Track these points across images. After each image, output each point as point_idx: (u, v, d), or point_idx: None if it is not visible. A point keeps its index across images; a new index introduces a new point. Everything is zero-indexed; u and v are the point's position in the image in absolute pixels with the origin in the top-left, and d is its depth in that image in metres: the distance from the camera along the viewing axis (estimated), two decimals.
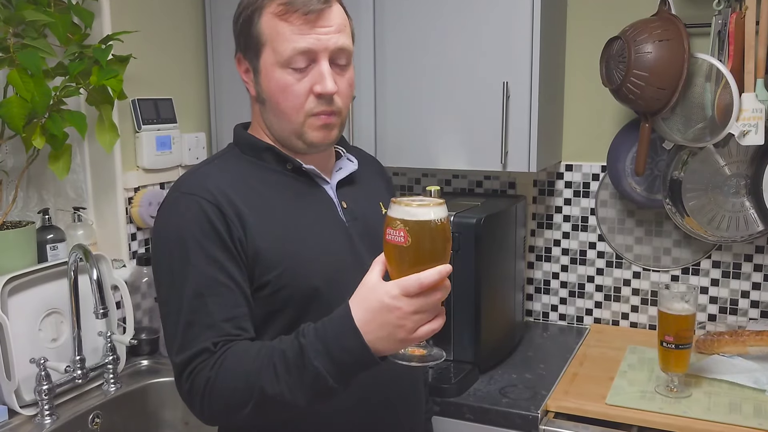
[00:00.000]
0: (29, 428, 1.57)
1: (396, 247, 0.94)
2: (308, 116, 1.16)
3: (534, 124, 1.79)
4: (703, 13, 1.82)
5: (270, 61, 1.15)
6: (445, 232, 0.96)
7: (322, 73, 1.13)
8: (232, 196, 1.13)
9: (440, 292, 0.96)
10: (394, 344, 0.96)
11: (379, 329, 0.95)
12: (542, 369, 1.85)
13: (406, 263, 0.94)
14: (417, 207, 0.94)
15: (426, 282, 0.93)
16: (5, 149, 1.70)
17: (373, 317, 0.95)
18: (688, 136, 1.79)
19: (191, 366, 1.06)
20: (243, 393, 1.02)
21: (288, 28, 1.12)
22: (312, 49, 1.12)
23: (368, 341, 0.96)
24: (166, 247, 1.12)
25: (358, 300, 0.98)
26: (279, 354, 1.01)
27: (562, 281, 2.20)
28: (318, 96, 1.14)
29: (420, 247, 0.94)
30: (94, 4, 1.80)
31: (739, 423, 1.51)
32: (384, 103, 1.94)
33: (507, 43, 1.78)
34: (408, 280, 0.93)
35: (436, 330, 0.97)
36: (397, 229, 0.94)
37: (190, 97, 2.18)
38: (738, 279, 2.00)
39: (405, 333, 0.95)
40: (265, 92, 1.17)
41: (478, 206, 1.89)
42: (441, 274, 0.94)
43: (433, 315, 0.96)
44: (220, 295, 1.08)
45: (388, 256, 0.97)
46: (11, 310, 1.58)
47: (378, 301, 0.95)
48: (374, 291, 0.96)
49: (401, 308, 0.93)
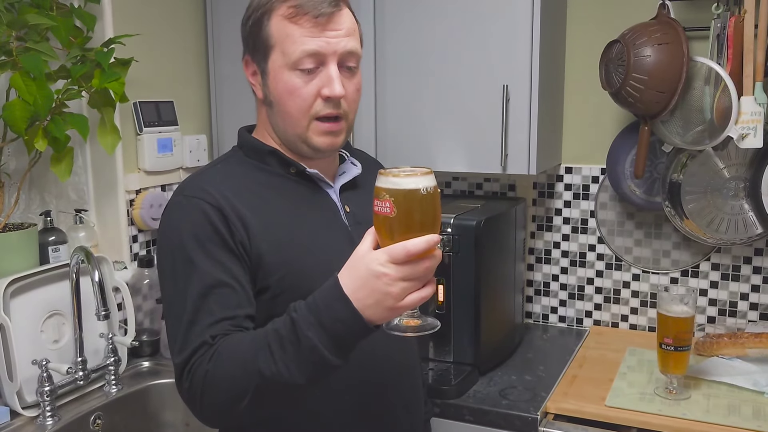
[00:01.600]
0: (31, 429, 1.57)
1: (383, 218, 0.95)
2: (313, 119, 1.16)
3: (534, 127, 1.80)
4: (702, 16, 1.83)
5: (278, 63, 1.15)
6: (432, 201, 0.95)
7: (331, 76, 1.14)
8: (234, 200, 1.13)
9: (429, 261, 0.95)
10: (383, 312, 0.96)
11: (367, 297, 0.95)
12: (542, 371, 1.86)
13: (394, 233, 0.94)
14: (403, 177, 0.94)
15: (413, 250, 0.93)
16: (7, 152, 1.70)
17: (361, 284, 0.96)
18: (687, 139, 1.79)
19: (190, 363, 1.06)
20: (242, 380, 1.01)
21: (297, 30, 1.12)
22: (321, 52, 1.13)
23: (358, 309, 0.96)
24: (170, 249, 1.13)
25: (347, 269, 0.98)
26: (272, 333, 1.01)
27: (561, 283, 2.21)
28: (326, 99, 1.15)
29: (407, 217, 0.94)
30: (96, 7, 1.80)
31: (738, 425, 1.51)
32: (384, 105, 1.94)
33: (507, 47, 1.79)
34: (395, 247, 0.93)
35: (425, 298, 0.97)
36: (383, 200, 0.94)
37: (191, 99, 2.18)
38: (737, 281, 2.01)
39: (393, 300, 0.95)
40: (273, 94, 1.18)
41: (478, 208, 1.90)
42: (429, 243, 0.93)
43: (421, 284, 0.96)
44: (223, 295, 1.08)
45: (377, 228, 0.97)
46: (13, 312, 1.58)
47: (365, 269, 0.96)
48: (362, 259, 0.97)
49: (388, 275, 0.94)
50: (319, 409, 1.18)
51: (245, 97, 1.26)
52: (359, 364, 1.19)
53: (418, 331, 0.99)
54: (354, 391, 1.20)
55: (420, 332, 0.99)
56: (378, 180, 0.96)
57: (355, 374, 1.19)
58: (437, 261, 0.96)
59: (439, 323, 1.01)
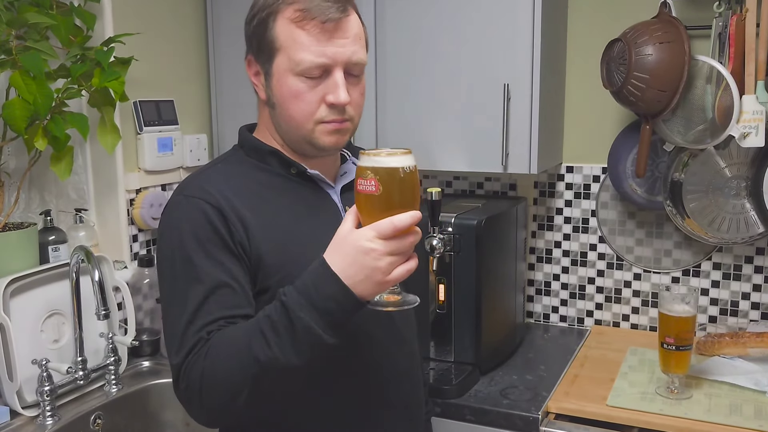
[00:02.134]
0: (31, 429, 1.57)
1: (368, 196, 0.99)
2: (318, 123, 1.15)
3: (535, 126, 1.80)
4: (703, 15, 1.83)
5: (284, 67, 1.13)
6: (412, 179, 1.00)
7: (336, 84, 1.13)
8: (234, 200, 1.13)
9: (412, 236, 0.99)
10: (373, 287, 0.99)
11: (357, 273, 0.98)
12: (543, 370, 1.86)
13: (378, 210, 0.98)
14: (386, 156, 0.99)
15: (399, 224, 0.96)
16: (7, 151, 1.70)
17: (351, 261, 0.98)
18: (688, 138, 1.79)
19: (186, 361, 1.05)
20: (239, 370, 1.01)
21: (305, 36, 1.11)
22: (328, 62, 1.12)
23: (348, 286, 0.98)
24: (170, 249, 1.12)
25: (333, 249, 1.01)
26: (264, 320, 1.01)
27: (562, 283, 2.20)
28: (330, 105, 1.14)
29: (391, 195, 0.98)
30: (96, 6, 1.80)
31: (739, 425, 1.51)
32: (385, 104, 1.94)
33: (508, 45, 1.79)
34: (382, 223, 0.97)
35: (411, 270, 1.01)
36: (368, 179, 0.98)
37: (191, 98, 2.18)
38: (738, 281, 2.00)
39: (382, 275, 0.98)
40: (277, 97, 1.16)
41: (479, 208, 1.90)
42: (413, 218, 0.98)
43: (406, 258, 1.00)
44: (223, 296, 1.08)
45: (361, 206, 1.01)
46: (13, 312, 1.58)
47: (353, 246, 0.98)
48: (348, 237, 0.99)
49: (377, 249, 0.97)
50: (319, 408, 1.18)
51: (246, 96, 1.26)
52: (360, 363, 1.20)
53: (400, 305, 1.04)
54: (354, 390, 1.20)
55: (401, 307, 1.04)
56: (361, 160, 1.00)
57: (356, 373, 1.19)
58: (419, 237, 1.01)
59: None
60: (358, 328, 1.20)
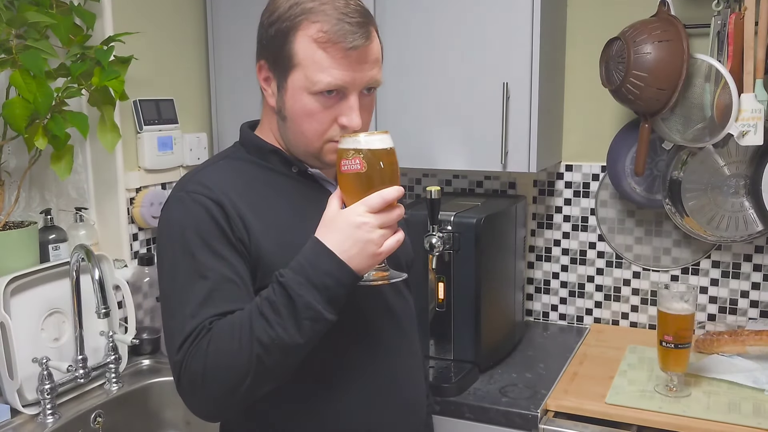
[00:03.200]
0: (31, 427, 1.57)
1: (354, 174, 1.04)
2: (327, 142, 1.15)
3: (534, 125, 1.80)
4: (702, 13, 1.83)
5: (299, 84, 1.12)
6: (393, 156, 1.07)
7: (351, 108, 1.13)
8: (235, 197, 1.12)
9: (398, 209, 1.05)
10: (367, 259, 1.03)
11: (351, 247, 1.03)
12: (542, 368, 1.86)
13: (364, 188, 1.04)
14: (367, 136, 1.05)
15: (388, 197, 1.03)
16: (7, 150, 1.70)
17: (344, 237, 1.03)
18: (687, 136, 1.79)
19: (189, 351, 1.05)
20: (241, 355, 1.01)
21: (326, 60, 1.10)
22: (346, 86, 1.12)
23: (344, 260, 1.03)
24: (171, 245, 1.12)
25: (324, 229, 1.06)
26: (263, 302, 1.03)
27: (562, 281, 2.21)
28: (342, 127, 1.14)
29: (375, 171, 1.04)
30: (96, 5, 1.80)
31: (738, 422, 1.51)
32: (384, 103, 1.94)
33: (507, 44, 1.79)
34: (371, 197, 1.03)
35: (401, 241, 1.06)
36: (351, 159, 1.04)
37: (191, 97, 2.18)
38: (737, 279, 2.01)
39: (375, 246, 1.03)
40: (288, 111, 1.16)
41: (479, 206, 1.90)
42: (398, 192, 1.04)
43: (393, 231, 1.06)
44: (226, 291, 1.08)
45: (346, 186, 1.06)
46: (14, 310, 1.58)
47: (345, 221, 1.03)
48: (339, 216, 1.05)
49: (369, 222, 1.02)
50: (319, 405, 1.18)
51: (245, 95, 1.26)
52: (361, 360, 1.20)
53: (388, 280, 1.11)
54: (355, 387, 1.20)
55: (390, 280, 1.11)
56: (342, 143, 1.06)
57: (357, 370, 1.20)
58: (402, 211, 1.06)
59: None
60: (360, 325, 1.20)
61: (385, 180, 1.05)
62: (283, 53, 1.13)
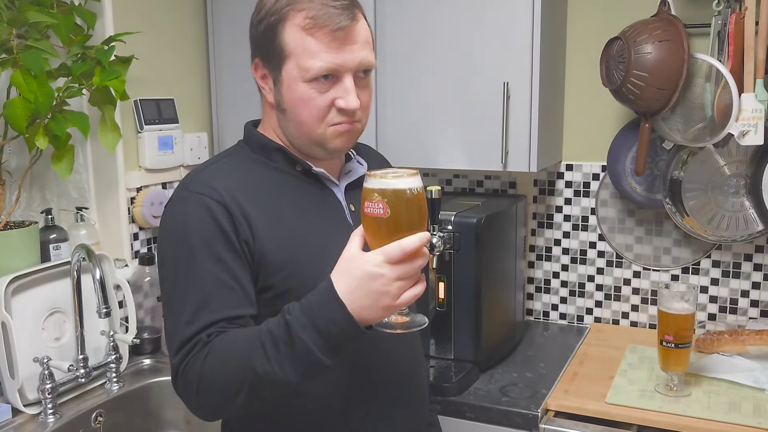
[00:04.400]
0: (32, 427, 1.57)
1: (376, 218, 0.97)
2: (328, 126, 1.16)
3: (534, 124, 1.80)
4: (702, 13, 1.83)
5: (293, 73, 1.13)
6: (420, 201, 0.99)
7: (347, 89, 1.13)
8: (239, 196, 1.13)
9: (421, 259, 0.98)
10: (379, 312, 0.98)
11: (363, 298, 0.97)
12: (542, 368, 1.86)
13: (386, 233, 0.97)
14: (392, 178, 0.97)
15: (408, 248, 0.95)
16: (8, 150, 1.70)
17: (357, 286, 0.97)
18: (687, 136, 1.79)
19: (186, 360, 1.06)
20: (235, 377, 1.02)
21: (315, 45, 1.10)
22: (339, 68, 1.12)
23: (352, 310, 0.97)
24: (172, 245, 1.12)
25: (340, 272, 1.00)
26: (266, 334, 1.02)
27: (562, 280, 2.21)
28: (340, 110, 1.14)
29: (398, 217, 0.97)
30: (97, 5, 1.80)
31: (738, 422, 1.51)
32: (385, 102, 1.94)
33: (507, 43, 1.79)
34: (390, 247, 0.96)
35: (419, 295, 0.99)
36: (375, 201, 0.96)
37: (191, 97, 2.18)
38: (738, 278, 2.01)
39: (390, 299, 0.97)
40: (286, 103, 1.16)
41: (479, 206, 1.90)
42: (422, 240, 0.96)
43: (414, 281, 0.99)
44: (223, 296, 1.08)
45: (368, 229, 1.00)
46: (15, 310, 1.59)
47: (361, 270, 0.97)
48: (356, 261, 0.98)
49: (385, 275, 0.96)
50: (320, 405, 1.18)
51: (246, 94, 1.26)
52: (363, 360, 1.20)
53: (408, 328, 1.02)
54: (356, 387, 1.20)
55: (409, 329, 1.02)
56: (367, 182, 0.98)
57: (358, 370, 1.20)
58: (427, 259, 0.99)
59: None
60: None
61: (411, 225, 0.97)
62: (274, 46, 1.14)
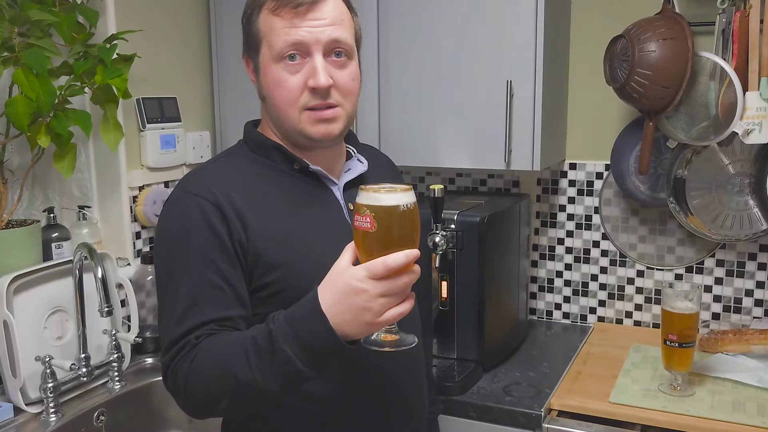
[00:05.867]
0: (34, 426, 1.57)
1: (363, 233, 0.96)
2: (303, 110, 1.15)
3: (538, 123, 1.79)
4: (707, 11, 1.82)
5: (266, 57, 1.16)
6: (412, 217, 0.97)
7: (315, 67, 1.13)
8: (235, 196, 1.13)
9: (408, 276, 0.96)
10: (361, 327, 0.97)
11: (345, 312, 0.96)
12: (546, 367, 1.86)
13: (374, 249, 0.95)
14: (384, 193, 0.95)
15: (392, 265, 0.93)
16: (10, 148, 1.70)
17: (339, 300, 0.96)
18: (692, 134, 1.78)
19: (174, 361, 1.07)
20: (219, 382, 1.02)
21: (280, 22, 1.13)
22: (302, 42, 1.12)
23: (334, 324, 0.96)
24: (166, 246, 1.13)
25: (326, 284, 0.99)
26: (250, 341, 1.01)
27: (565, 279, 2.20)
28: (312, 90, 1.14)
29: (387, 233, 0.95)
30: (99, 3, 1.80)
31: (742, 421, 1.51)
32: (388, 101, 1.94)
33: (511, 42, 1.78)
34: (374, 263, 0.94)
35: (404, 314, 0.97)
36: (363, 215, 0.95)
37: (194, 95, 2.18)
38: (742, 277, 2.00)
39: (372, 316, 0.95)
40: (264, 88, 1.18)
41: (482, 205, 1.89)
42: (408, 258, 0.94)
43: (400, 299, 0.97)
44: (213, 297, 1.09)
45: (357, 242, 0.98)
46: (17, 309, 1.58)
47: (344, 284, 0.96)
48: (341, 274, 0.97)
49: (367, 291, 0.94)
50: (318, 409, 1.18)
51: (248, 93, 1.26)
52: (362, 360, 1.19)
53: (396, 346, 1.00)
54: (356, 388, 1.20)
55: (397, 347, 1.00)
56: (358, 196, 0.97)
57: (358, 371, 1.19)
58: (416, 276, 0.97)
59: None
60: None
61: (401, 242, 0.95)
62: (252, 35, 1.18)
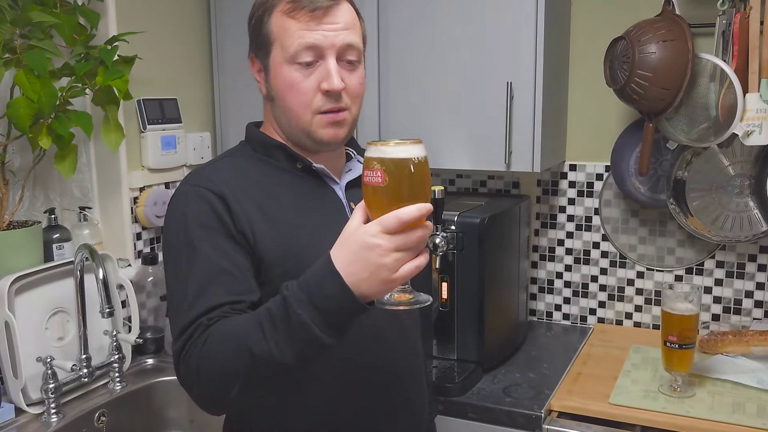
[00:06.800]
0: (36, 426, 1.58)
1: (374, 187, 0.93)
2: (315, 114, 1.16)
3: (538, 124, 1.80)
4: (707, 13, 1.82)
5: (278, 58, 1.16)
6: (422, 170, 0.94)
7: (329, 70, 1.14)
8: (239, 192, 1.14)
9: (421, 230, 0.93)
10: (378, 285, 0.94)
11: (361, 270, 0.93)
12: (546, 368, 1.86)
13: (385, 203, 0.93)
14: (393, 146, 0.93)
15: (405, 218, 0.91)
16: (12, 149, 1.70)
17: (354, 258, 0.93)
18: (692, 136, 1.79)
19: (186, 346, 1.05)
20: (233, 361, 0.99)
21: (295, 24, 1.13)
22: (318, 45, 1.13)
23: (350, 284, 0.93)
24: (175, 236, 1.14)
25: (339, 245, 0.96)
26: (264, 312, 0.99)
27: (565, 281, 2.20)
28: (325, 93, 1.15)
29: (397, 186, 0.92)
30: (100, 5, 1.81)
31: (742, 423, 1.51)
32: (388, 102, 1.94)
33: (511, 43, 1.79)
34: (387, 217, 0.91)
35: (420, 267, 0.95)
36: (374, 170, 0.92)
37: (194, 97, 2.18)
38: (742, 279, 2.00)
39: (388, 272, 0.92)
40: (274, 89, 1.19)
41: (482, 206, 1.90)
42: (421, 211, 0.91)
43: (415, 254, 0.94)
44: (225, 283, 1.08)
45: (367, 199, 0.95)
46: (18, 309, 1.59)
47: (358, 242, 0.93)
48: (354, 233, 0.95)
49: (382, 245, 0.91)
50: (319, 405, 1.18)
51: (249, 94, 1.27)
52: (363, 359, 1.20)
53: (411, 305, 0.98)
54: (356, 387, 1.20)
55: (412, 306, 0.98)
56: (368, 151, 0.94)
57: (358, 370, 1.20)
58: (429, 231, 0.95)
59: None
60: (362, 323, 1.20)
61: (412, 195, 0.92)
62: (263, 36, 1.18)
